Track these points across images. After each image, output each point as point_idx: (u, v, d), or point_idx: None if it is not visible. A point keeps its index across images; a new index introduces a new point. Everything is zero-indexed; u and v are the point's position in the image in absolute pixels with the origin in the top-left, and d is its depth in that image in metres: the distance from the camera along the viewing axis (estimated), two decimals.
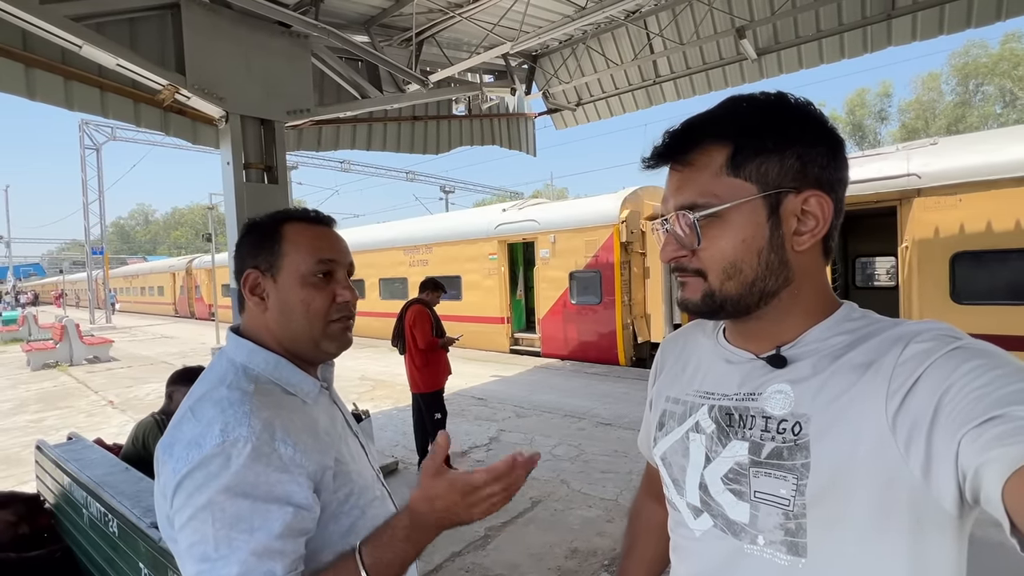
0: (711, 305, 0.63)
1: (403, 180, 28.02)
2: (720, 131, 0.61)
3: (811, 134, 0.60)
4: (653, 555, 0.89)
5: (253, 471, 0.66)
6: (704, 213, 0.60)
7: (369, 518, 0.81)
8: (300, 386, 0.82)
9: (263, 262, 0.83)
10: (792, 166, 0.59)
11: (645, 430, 0.85)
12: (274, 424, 0.71)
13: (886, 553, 0.54)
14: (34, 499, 2.13)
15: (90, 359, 11.30)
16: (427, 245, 11.55)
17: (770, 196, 0.59)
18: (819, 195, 0.60)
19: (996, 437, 0.43)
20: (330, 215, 0.90)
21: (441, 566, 2.90)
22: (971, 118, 26.71)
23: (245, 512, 0.65)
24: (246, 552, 0.63)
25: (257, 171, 4.01)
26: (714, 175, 0.60)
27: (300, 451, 0.71)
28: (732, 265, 0.61)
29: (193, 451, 0.67)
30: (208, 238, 14.71)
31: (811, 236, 0.60)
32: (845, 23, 5.11)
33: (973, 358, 0.50)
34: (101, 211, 21.91)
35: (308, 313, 0.81)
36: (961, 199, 5.44)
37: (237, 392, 0.73)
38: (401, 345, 4.27)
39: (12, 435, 5.87)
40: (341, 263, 0.86)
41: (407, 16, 4.86)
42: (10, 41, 3.39)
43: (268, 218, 0.86)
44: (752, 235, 0.60)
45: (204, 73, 3.70)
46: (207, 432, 0.68)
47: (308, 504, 0.70)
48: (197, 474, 0.66)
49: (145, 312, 28.57)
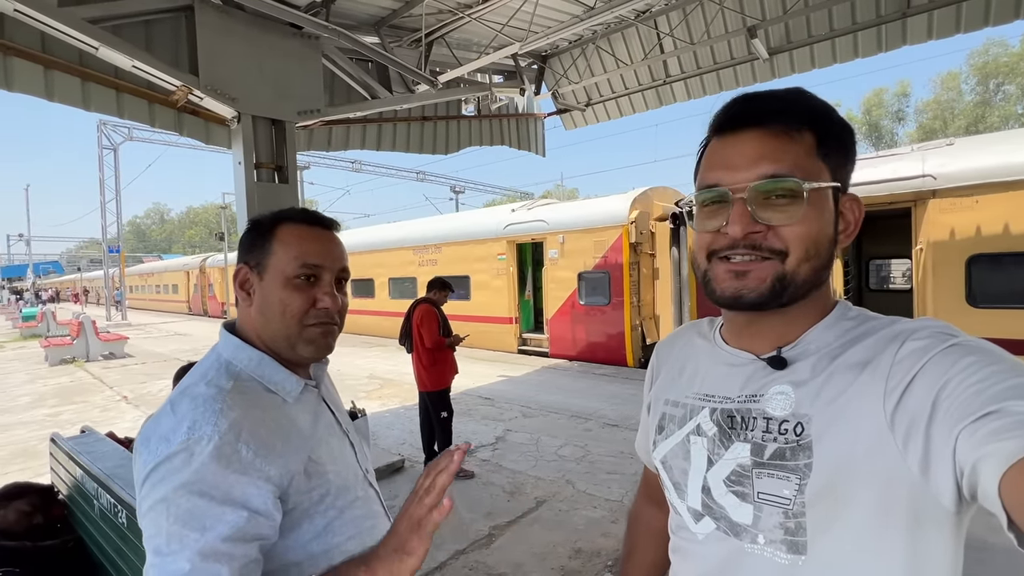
0: (777, 291, 0.59)
1: (414, 180, 28.20)
2: (807, 114, 0.60)
3: (854, 145, 0.63)
4: (653, 559, 0.89)
5: (211, 470, 0.66)
6: (812, 186, 0.57)
7: (348, 519, 0.81)
8: (281, 384, 0.81)
9: (253, 259, 0.84)
10: (848, 169, 0.62)
11: (643, 434, 0.84)
12: (241, 425, 0.71)
13: (885, 550, 0.54)
14: (48, 490, 2.18)
15: (106, 355, 11.52)
16: (436, 245, 11.60)
17: (837, 189, 0.61)
18: (855, 199, 0.63)
19: (992, 432, 0.43)
20: (332, 218, 0.89)
21: (445, 564, 2.92)
22: (991, 118, 26.17)
23: (199, 511, 0.65)
24: (194, 551, 0.63)
25: (268, 171, 4.06)
26: (808, 152, 0.59)
27: (261, 456, 0.71)
28: (814, 245, 0.59)
29: (162, 445, 0.68)
30: (221, 237, 14.92)
31: (846, 237, 0.63)
32: (859, 22, 5.04)
33: (969, 355, 0.50)
34: (118, 210, 22.30)
35: (284, 314, 0.81)
36: (978, 200, 5.34)
37: (213, 389, 0.74)
38: (408, 344, 4.30)
39: (30, 428, 6.01)
40: (328, 268, 0.84)
41: (417, 17, 4.89)
42: (29, 43, 3.47)
43: (268, 216, 0.87)
44: (828, 222, 0.60)
45: (217, 74, 3.76)
46: (177, 428, 0.69)
47: (265, 510, 0.69)
48: (161, 468, 0.67)
49: (160, 310, 29.04)
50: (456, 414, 4.38)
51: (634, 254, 8.34)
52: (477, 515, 3.48)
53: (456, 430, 4.45)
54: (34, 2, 3.04)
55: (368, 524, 0.85)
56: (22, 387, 8.52)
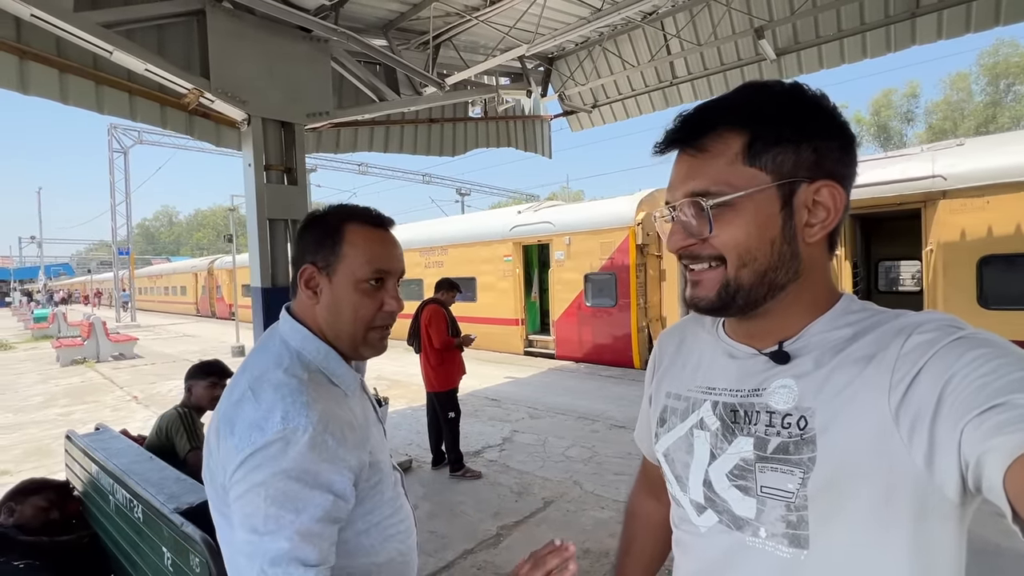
0: (725, 297, 0.62)
1: (419, 182, 28.29)
2: (737, 118, 0.60)
3: (827, 126, 0.60)
4: (652, 554, 0.89)
5: (308, 458, 0.72)
6: (718, 201, 0.59)
7: (386, 499, 0.87)
8: (344, 378, 0.86)
9: (321, 259, 0.85)
10: (808, 158, 0.59)
11: (644, 426, 0.84)
12: (328, 417, 0.76)
13: (888, 542, 0.54)
14: (64, 486, 2.21)
15: (116, 356, 11.63)
16: (442, 247, 11.63)
17: (784, 186, 0.59)
18: (832, 186, 0.59)
19: (997, 425, 0.43)
20: (390, 217, 0.90)
21: (453, 563, 2.92)
22: (1002, 119, 25.89)
23: (294, 494, 0.70)
24: (292, 531, 0.69)
25: (277, 172, 4.11)
26: (729, 163, 0.59)
27: (343, 445, 0.77)
28: (747, 251, 0.60)
29: (256, 434, 0.72)
30: (229, 239, 15.02)
31: (822, 227, 0.60)
32: (867, 22, 5.02)
33: (975, 347, 0.50)
34: (128, 213, 22.55)
35: (355, 318, 0.85)
36: (989, 201, 5.29)
37: (294, 380, 0.78)
38: (416, 344, 4.32)
39: (43, 427, 6.08)
40: (394, 272, 0.88)
41: (424, 20, 4.93)
42: (45, 48, 3.53)
43: (332, 214, 0.87)
44: (765, 224, 0.59)
45: (228, 77, 3.81)
46: (269, 417, 0.73)
47: (346, 495, 0.76)
48: (259, 455, 0.71)
49: (168, 311, 29.28)
50: (463, 415, 4.39)
51: (640, 256, 8.33)
52: (485, 515, 3.48)
53: (463, 431, 4.46)
54: (50, 7, 3.09)
55: (398, 503, 0.90)
56: (35, 387, 8.62)
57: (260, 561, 0.69)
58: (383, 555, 0.85)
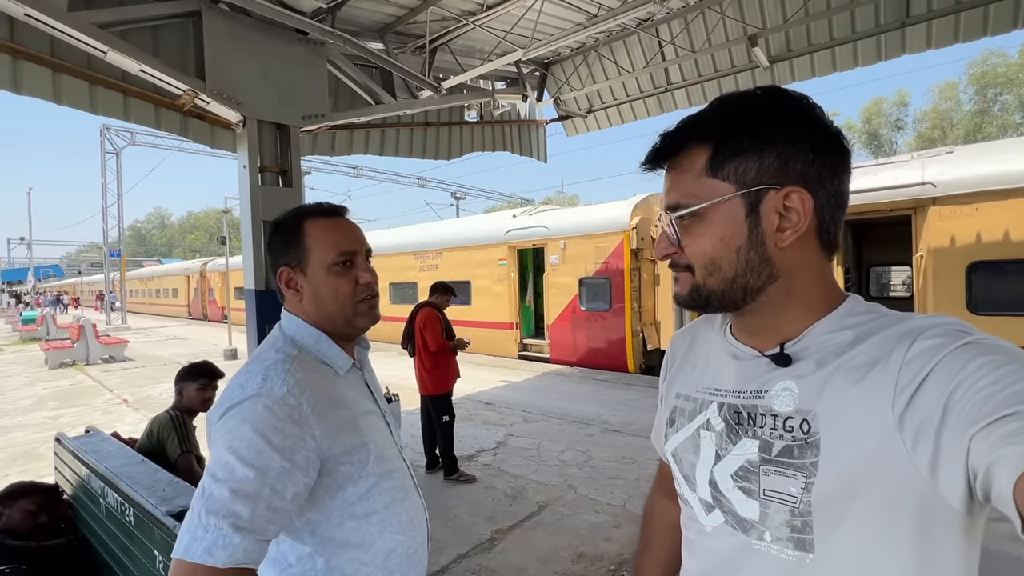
0: (697, 299, 0.65)
1: (415, 186, 28.30)
2: (704, 133, 0.62)
3: (793, 131, 0.59)
4: (669, 554, 0.89)
5: (277, 415, 0.78)
6: (681, 213, 0.63)
7: (386, 487, 0.92)
8: (335, 359, 0.94)
9: (293, 259, 0.95)
10: (771, 164, 0.59)
11: (657, 426, 0.85)
12: (305, 384, 0.84)
13: (893, 548, 0.54)
14: (53, 490, 2.17)
15: (106, 359, 11.50)
16: (437, 250, 11.62)
17: (748, 195, 0.59)
18: (800, 191, 0.59)
19: (1006, 435, 0.43)
20: (343, 205, 1.01)
21: (447, 567, 2.91)
22: (990, 128, 26.28)
23: (255, 448, 0.75)
24: (238, 481, 0.73)
25: (272, 174, 4.09)
26: (695, 176, 0.62)
27: (316, 414, 0.83)
28: (712, 262, 0.62)
29: (237, 391, 0.82)
30: (222, 241, 14.92)
31: (793, 232, 0.59)
32: (859, 31, 5.10)
33: (982, 354, 0.49)
34: (120, 214, 22.36)
35: (337, 298, 0.94)
36: (978, 208, 5.37)
37: (282, 354, 0.88)
38: (411, 347, 4.30)
39: (31, 431, 5.99)
40: (359, 251, 0.97)
41: (421, 24, 4.95)
42: (38, 47, 3.51)
43: (290, 216, 0.98)
44: (730, 233, 0.61)
45: (223, 79, 3.80)
46: (251, 379, 0.83)
47: (303, 466, 0.80)
48: (235, 408, 0.79)
49: (159, 314, 29.00)
50: (457, 419, 4.38)
51: (635, 260, 8.36)
52: (479, 519, 3.47)
53: (457, 435, 4.45)
54: (44, 7, 3.07)
55: (401, 495, 0.95)
56: (22, 390, 8.50)
57: (204, 502, 0.73)
58: (379, 544, 0.89)
